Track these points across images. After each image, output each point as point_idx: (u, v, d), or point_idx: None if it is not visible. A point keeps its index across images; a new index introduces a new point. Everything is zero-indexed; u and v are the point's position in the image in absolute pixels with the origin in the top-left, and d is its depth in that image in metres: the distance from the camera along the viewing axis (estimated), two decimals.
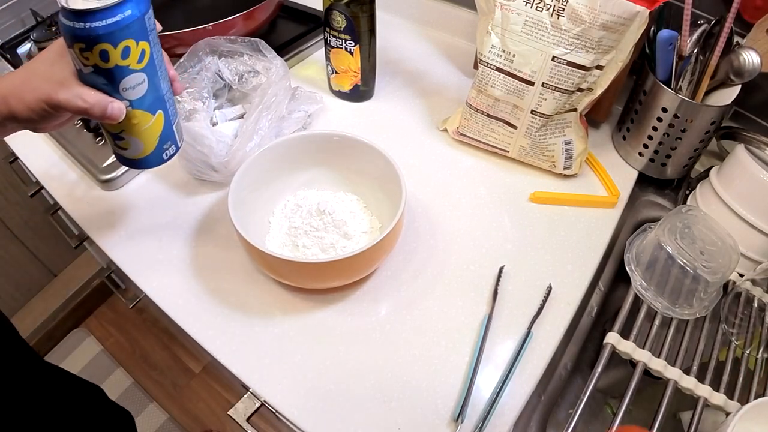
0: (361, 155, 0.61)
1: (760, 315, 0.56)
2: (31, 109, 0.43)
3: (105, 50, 0.41)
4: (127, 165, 0.51)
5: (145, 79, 0.45)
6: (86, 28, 0.40)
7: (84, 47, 0.41)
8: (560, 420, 0.52)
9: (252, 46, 0.69)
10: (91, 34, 0.40)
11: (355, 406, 0.48)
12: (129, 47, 0.42)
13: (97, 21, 0.40)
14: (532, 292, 0.57)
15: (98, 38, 0.40)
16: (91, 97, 0.42)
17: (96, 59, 0.41)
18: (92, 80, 0.43)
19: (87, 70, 0.42)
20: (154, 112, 0.47)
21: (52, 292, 1.47)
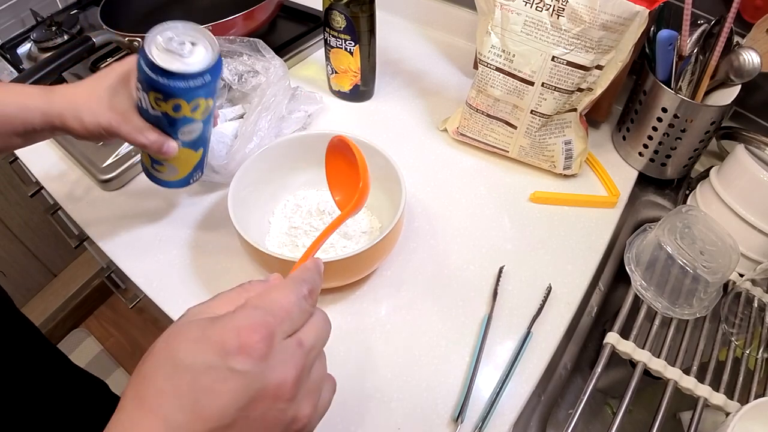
0: None
1: (760, 315, 0.56)
2: (87, 130, 0.45)
3: (179, 104, 0.45)
4: (154, 182, 0.55)
5: (201, 127, 0.49)
6: (169, 85, 0.43)
7: (160, 97, 0.44)
8: (560, 420, 0.52)
9: (251, 46, 0.69)
10: (171, 91, 0.43)
11: (355, 406, 0.48)
12: (200, 104, 0.46)
13: (180, 81, 0.43)
14: (532, 292, 0.56)
15: (177, 94, 0.44)
16: (151, 136, 0.46)
17: (167, 109, 0.45)
18: (155, 120, 0.46)
19: (154, 112, 0.45)
20: (197, 149, 0.51)
21: (52, 292, 1.47)
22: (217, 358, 0.25)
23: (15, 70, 0.83)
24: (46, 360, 0.83)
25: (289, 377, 0.26)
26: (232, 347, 0.25)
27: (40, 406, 0.75)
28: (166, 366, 0.25)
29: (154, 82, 0.43)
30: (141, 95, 0.45)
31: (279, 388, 0.26)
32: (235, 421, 0.25)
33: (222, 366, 0.25)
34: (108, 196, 0.66)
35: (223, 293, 0.30)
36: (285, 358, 0.26)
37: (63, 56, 0.66)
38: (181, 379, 0.25)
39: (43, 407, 0.75)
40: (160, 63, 0.42)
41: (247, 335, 0.25)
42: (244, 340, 0.25)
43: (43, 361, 0.82)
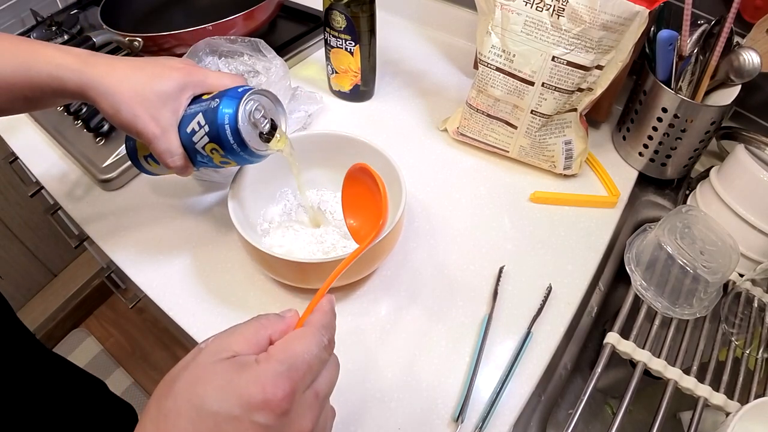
0: (361, 155, 0.61)
1: (760, 315, 0.56)
2: (119, 121, 0.43)
3: (227, 162, 0.47)
4: (139, 168, 0.55)
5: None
6: (236, 151, 0.44)
7: (218, 150, 0.45)
8: (560, 420, 0.52)
9: (252, 46, 0.69)
10: (233, 156, 0.45)
11: (355, 406, 0.48)
12: (231, 162, 0.47)
13: (247, 155, 0.45)
14: (532, 292, 0.57)
15: (233, 159, 0.46)
16: (179, 162, 0.46)
17: (216, 158, 0.46)
18: (190, 149, 0.46)
19: (196, 147, 0.46)
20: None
21: (52, 292, 1.47)
22: (241, 409, 0.26)
23: None
24: (43, 362, 0.83)
25: (306, 429, 0.28)
26: (257, 401, 0.26)
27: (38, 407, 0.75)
28: (190, 410, 0.26)
29: (227, 143, 0.44)
30: (198, 130, 0.44)
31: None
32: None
33: (245, 418, 0.26)
34: (108, 196, 0.66)
35: (240, 327, 0.31)
36: (303, 412, 0.28)
37: None
38: (204, 425, 0.26)
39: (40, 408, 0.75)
40: (244, 134, 0.43)
41: (272, 391, 0.26)
42: (268, 396, 0.26)
43: (40, 362, 0.81)
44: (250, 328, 0.30)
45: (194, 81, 0.46)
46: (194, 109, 0.45)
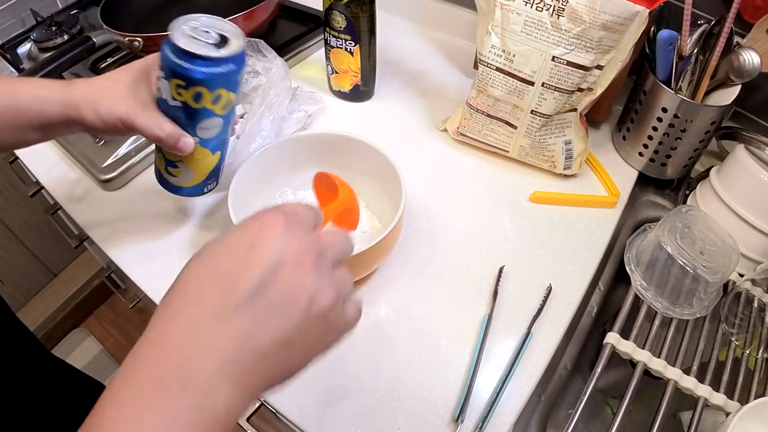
0: (361, 155, 0.61)
1: (760, 315, 0.56)
2: (103, 122, 0.44)
3: (200, 93, 0.43)
4: (166, 188, 0.53)
5: (221, 123, 0.47)
6: (192, 69, 0.42)
7: (182, 85, 0.43)
8: (560, 420, 0.52)
9: (252, 46, 0.69)
10: (194, 77, 0.42)
11: (355, 406, 0.48)
12: (221, 95, 0.45)
13: (204, 67, 0.42)
14: (532, 292, 0.56)
15: (199, 82, 0.43)
16: (168, 128, 0.44)
17: (188, 98, 0.44)
18: (174, 113, 0.45)
19: (174, 103, 0.44)
20: (214, 152, 0.50)
21: (52, 292, 1.47)
22: (241, 238, 0.28)
23: (15, 70, 0.83)
24: (42, 364, 0.83)
25: (308, 252, 0.28)
26: (255, 230, 0.28)
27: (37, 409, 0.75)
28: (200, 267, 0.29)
29: (178, 67, 0.42)
30: (162, 85, 0.44)
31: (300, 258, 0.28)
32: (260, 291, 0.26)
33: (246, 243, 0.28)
34: (108, 196, 0.66)
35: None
36: (302, 239, 0.29)
37: (63, 56, 0.66)
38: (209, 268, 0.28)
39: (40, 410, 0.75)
40: (185, 47, 0.41)
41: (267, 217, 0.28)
42: (264, 221, 0.28)
43: (39, 365, 0.81)
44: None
45: (157, 60, 0.46)
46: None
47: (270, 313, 0.26)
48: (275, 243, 0.27)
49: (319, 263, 0.28)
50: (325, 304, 0.28)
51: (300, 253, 0.28)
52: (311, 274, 0.28)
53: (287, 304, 0.27)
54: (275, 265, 0.27)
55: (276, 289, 0.27)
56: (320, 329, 0.29)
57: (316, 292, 0.28)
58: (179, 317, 0.27)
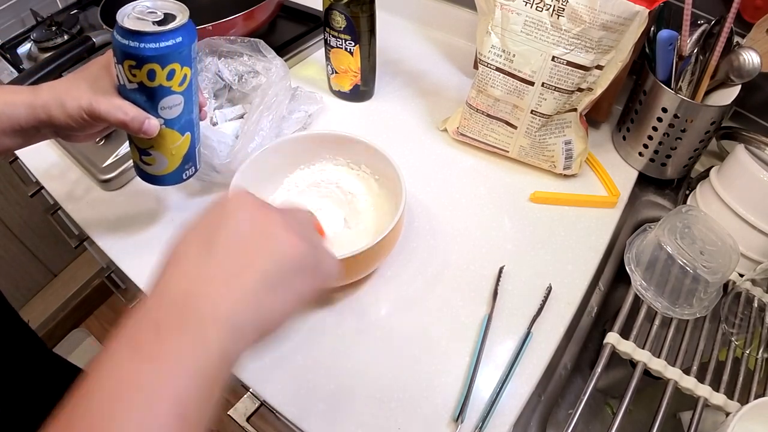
0: (361, 155, 0.61)
1: (760, 315, 0.56)
2: (70, 117, 0.45)
3: (153, 70, 0.44)
4: (147, 180, 0.53)
5: (182, 101, 0.47)
6: (140, 47, 0.42)
7: (134, 65, 0.43)
8: (560, 420, 0.52)
9: (252, 46, 0.69)
10: (143, 54, 0.42)
11: (355, 406, 0.48)
12: (174, 70, 0.45)
13: (151, 43, 0.42)
14: (532, 292, 0.56)
15: (149, 59, 0.43)
16: (131, 111, 0.45)
17: (143, 77, 0.44)
18: (134, 96, 0.45)
19: (131, 86, 0.45)
20: (183, 133, 0.50)
21: (52, 292, 1.47)
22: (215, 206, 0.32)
23: (15, 70, 0.83)
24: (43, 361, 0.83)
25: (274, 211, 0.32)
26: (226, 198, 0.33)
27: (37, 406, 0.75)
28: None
29: (125, 47, 0.42)
30: (118, 71, 0.45)
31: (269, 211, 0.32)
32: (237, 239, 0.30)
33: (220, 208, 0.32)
34: (108, 196, 0.66)
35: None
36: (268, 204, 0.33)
37: (63, 56, 0.66)
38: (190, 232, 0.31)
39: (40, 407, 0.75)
40: (130, 26, 0.42)
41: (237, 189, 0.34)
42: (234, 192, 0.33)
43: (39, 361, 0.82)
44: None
45: None
46: None
47: (247, 256, 0.30)
48: (247, 203, 0.32)
49: (287, 219, 0.32)
50: (296, 244, 0.31)
51: (266, 210, 0.32)
52: (278, 223, 0.31)
53: (261, 246, 0.30)
54: (248, 218, 0.31)
55: (251, 236, 0.30)
56: (296, 270, 0.31)
57: (285, 236, 0.31)
58: (169, 272, 0.29)
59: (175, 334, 0.26)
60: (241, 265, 0.29)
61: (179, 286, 0.28)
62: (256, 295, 0.29)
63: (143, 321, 0.27)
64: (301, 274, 0.32)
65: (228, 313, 0.28)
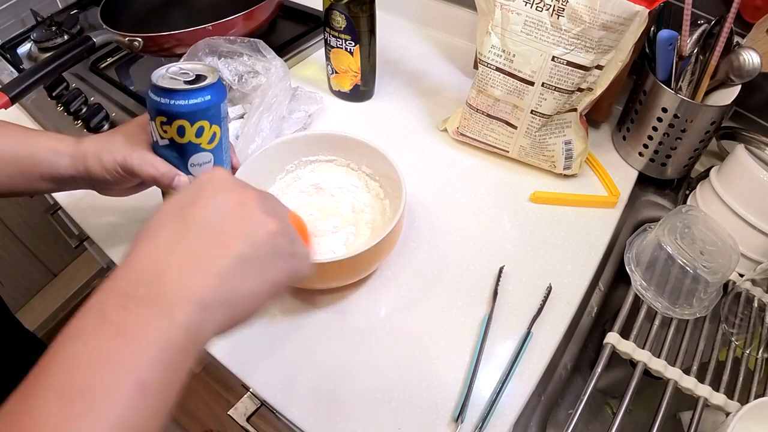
0: (361, 155, 0.61)
1: (760, 315, 0.56)
2: (106, 170, 0.47)
3: (182, 126, 0.46)
4: None
5: (211, 159, 0.49)
6: (170, 104, 0.44)
7: (165, 121, 0.45)
8: (560, 420, 0.52)
9: (251, 46, 0.69)
10: (173, 110, 0.45)
11: (355, 406, 0.48)
12: (203, 127, 0.47)
13: (180, 99, 0.45)
14: (532, 292, 0.57)
15: (179, 115, 0.45)
16: (161, 167, 0.47)
17: (173, 133, 0.46)
18: (166, 153, 0.48)
19: (163, 142, 0.47)
20: None
21: (52, 292, 1.47)
22: (192, 185, 0.32)
23: (15, 70, 0.83)
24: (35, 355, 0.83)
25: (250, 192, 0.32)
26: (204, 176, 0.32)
27: None
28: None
29: (157, 104, 0.45)
30: (151, 127, 0.47)
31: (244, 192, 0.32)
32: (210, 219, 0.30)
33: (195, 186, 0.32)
34: None
35: None
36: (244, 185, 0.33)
37: (63, 56, 0.66)
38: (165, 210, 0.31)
39: None
40: (163, 84, 0.44)
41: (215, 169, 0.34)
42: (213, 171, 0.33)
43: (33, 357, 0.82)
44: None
45: None
46: None
47: (220, 235, 0.30)
48: (222, 181, 0.32)
49: (261, 202, 0.32)
50: (272, 227, 0.31)
51: (243, 191, 0.32)
52: (256, 205, 0.31)
53: (236, 227, 0.30)
54: (224, 198, 0.31)
55: (225, 216, 0.30)
56: (271, 252, 0.31)
57: (261, 221, 0.31)
58: (140, 252, 0.29)
59: (142, 308, 0.26)
60: (213, 246, 0.29)
61: (149, 262, 0.28)
62: (227, 277, 0.29)
63: (111, 293, 0.27)
64: (274, 259, 0.32)
65: (196, 293, 0.28)
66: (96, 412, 0.23)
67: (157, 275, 0.28)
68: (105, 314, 0.26)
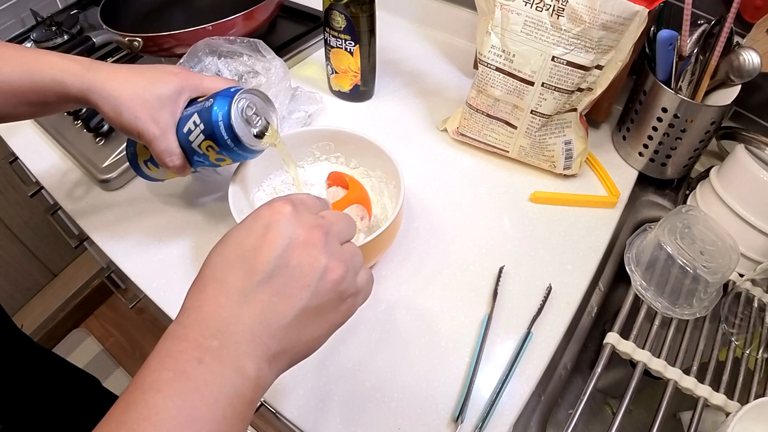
0: (360, 151, 0.61)
1: (760, 315, 0.56)
2: (120, 124, 0.46)
3: (222, 158, 0.48)
4: (140, 176, 0.57)
5: (212, 168, 0.56)
6: (231, 147, 0.47)
7: (213, 147, 0.47)
8: (560, 420, 0.52)
9: (251, 46, 0.69)
10: (228, 152, 0.47)
11: (355, 406, 0.48)
12: (227, 160, 0.49)
13: (240, 150, 0.47)
14: (532, 292, 0.56)
15: (229, 155, 0.48)
16: (178, 162, 0.48)
17: (211, 156, 0.48)
18: (185, 145, 0.48)
19: (195, 147, 0.48)
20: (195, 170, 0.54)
21: (52, 292, 1.47)
22: (255, 223, 0.31)
23: None
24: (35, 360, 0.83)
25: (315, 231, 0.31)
26: (266, 216, 0.31)
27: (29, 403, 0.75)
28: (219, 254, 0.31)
29: (221, 138, 0.46)
30: (196, 131, 0.47)
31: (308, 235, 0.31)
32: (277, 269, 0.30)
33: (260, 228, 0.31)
34: (108, 196, 0.66)
35: None
36: (309, 220, 0.32)
37: None
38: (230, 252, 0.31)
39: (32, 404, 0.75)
40: (237, 130, 0.45)
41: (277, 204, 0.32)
42: (274, 207, 0.31)
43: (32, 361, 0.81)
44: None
45: (191, 84, 0.49)
46: (190, 111, 0.48)
47: (287, 288, 0.29)
48: (286, 225, 0.31)
49: (327, 240, 0.31)
50: (337, 275, 0.31)
51: (308, 232, 0.31)
52: (321, 250, 0.31)
53: (301, 278, 0.30)
54: (287, 244, 0.30)
55: (290, 265, 0.30)
56: (335, 299, 0.31)
57: (327, 266, 0.31)
58: (210, 299, 0.29)
59: (216, 362, 0.27)
60: (279, 298, 0.29)
61: (220, 312, 0.29)
62: (293, 329, 0.30)
63: (185, 342, 0.28)
64: (339, 304, 0.32)
65: (265, 347, 0.29)
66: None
67: (227, 326, 0.28)
68: (182, 368, 0.27)
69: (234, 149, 0.47)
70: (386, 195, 0.60)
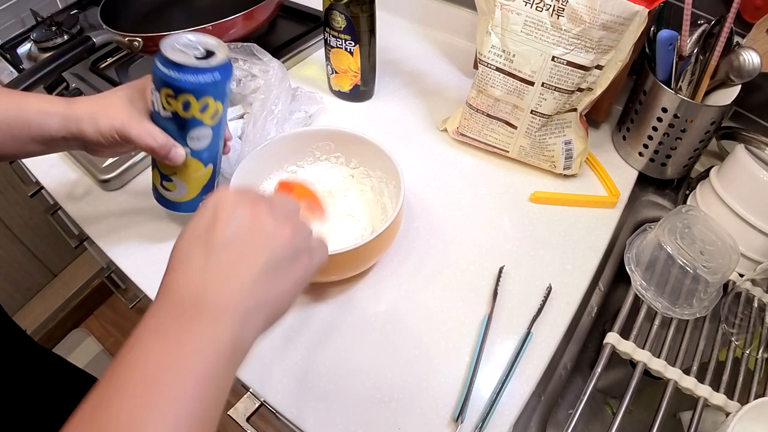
0: (360, 151, 0.61)
1: (760, 315, 0.56)
2: (101, 134, 0.47)
3: (188, 101, 0.46)
4: (164, 205, 0.55)
5: (210, 134, 0.49)
6: (180, 78, 0.45)
7: (171, 94, 0.45)
8: (560, 420, 0.52)
9: (245, 50, 0.68)
10: (182, 85, 0.45)
11: (355, 406, 0.48)
12: (208, 104, 0.47)
13: (190, 75, 0.45)
14: (532, 292, 0.56)
15: (187, 90, 0.45)
16: (160, 138, 0.47)
17: (177, 107, 0.46)
18: (165, 124, 0.48)
19: (165, 113, 0.47)
20: (206, 164, 0.52)
21: (52, 292, 1.47)
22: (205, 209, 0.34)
23: (15, 70, 0.83)
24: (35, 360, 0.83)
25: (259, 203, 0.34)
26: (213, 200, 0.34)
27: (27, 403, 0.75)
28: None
29: (166, 76, 0.44)
30: (154, 97, 0.47)
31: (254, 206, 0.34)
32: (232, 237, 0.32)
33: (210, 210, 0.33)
34: (108, 196, 0.66)
35: None
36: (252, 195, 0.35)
37: (63, 56, 0.66)
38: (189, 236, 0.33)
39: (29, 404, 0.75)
40: (173, 58, 0.44)
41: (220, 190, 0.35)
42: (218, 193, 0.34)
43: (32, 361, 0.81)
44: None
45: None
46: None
47: (244, 250, 0.32)
48: (232, 202, 0.34)
49: (271, 209, 0.34)
50: (287, 233, 0.34)
51: (253, 203, 0.34)
52: (267, 216, 0.34)
53: (256, 240, 0.33)
54: (237, 215, 0.33)
55: (243, 232, 0.33)
56: (290, 255, 0.34)
57: (276, 227, 0.34)
58: (178, 279, 0.32)
59: (194, 321, 0.30)
60: (240, 262, 0.32)
61: (188, 288, 0.31)
62: (258, 284, 0.32)
63: (162, 309, 0.31)
64: (295, 260, 0.35)
65: (235, 303, 0.31)
66: (167, 403, 0.27)
67: (199, 295, 0.31)
68: (164, 331, 0.29)
69: (185, 79, 0.44)
70: (386, 195, 0.60)
